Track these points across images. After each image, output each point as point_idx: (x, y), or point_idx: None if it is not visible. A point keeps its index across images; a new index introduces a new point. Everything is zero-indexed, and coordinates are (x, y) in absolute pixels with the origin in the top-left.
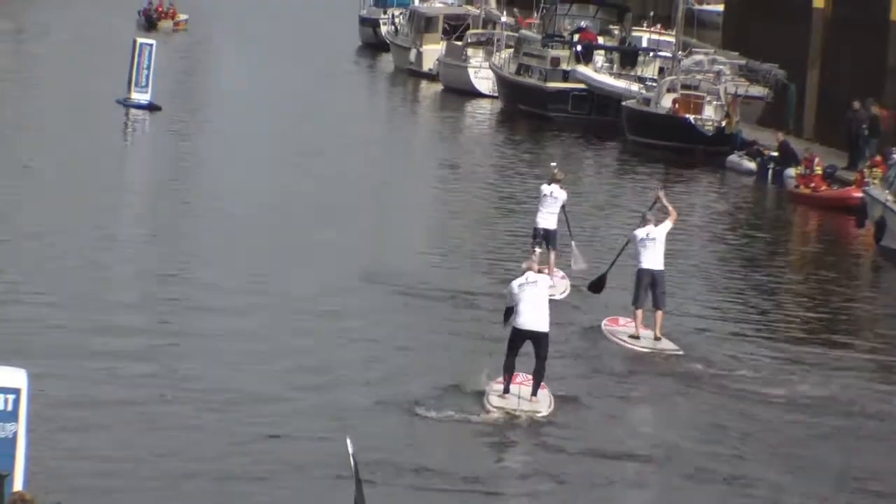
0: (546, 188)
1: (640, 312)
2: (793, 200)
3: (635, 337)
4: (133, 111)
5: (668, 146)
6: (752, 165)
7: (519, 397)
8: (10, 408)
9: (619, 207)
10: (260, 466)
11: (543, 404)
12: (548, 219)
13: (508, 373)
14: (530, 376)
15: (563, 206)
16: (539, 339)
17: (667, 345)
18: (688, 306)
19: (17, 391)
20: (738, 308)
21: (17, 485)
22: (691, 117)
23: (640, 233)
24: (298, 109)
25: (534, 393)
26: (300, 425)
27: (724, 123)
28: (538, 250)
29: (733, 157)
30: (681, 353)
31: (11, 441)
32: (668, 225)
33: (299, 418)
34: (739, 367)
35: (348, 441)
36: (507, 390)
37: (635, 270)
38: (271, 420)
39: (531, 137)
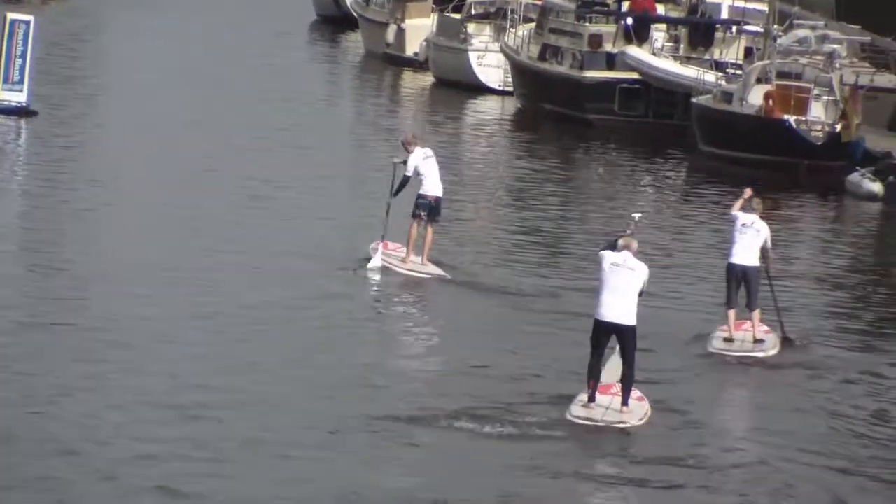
0: (422, 153)
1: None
2: None
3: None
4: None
5: (758, 160)
6: (877, 188)
7: (607, 408)
8: None
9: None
10: None
11: (635, 415)
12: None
13: (594, 378)
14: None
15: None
16: (624, 334)
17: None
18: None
19: None
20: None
21: None
22: (791, 119)
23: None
24: (228, 112)
25: (624, 402)
26: None
27: (839, 128)
28: (423, 215)
29: (854, 176)
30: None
31: None
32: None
33: None
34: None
35: None
36: (591, 399)
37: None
38: None
39: (562, 153)
